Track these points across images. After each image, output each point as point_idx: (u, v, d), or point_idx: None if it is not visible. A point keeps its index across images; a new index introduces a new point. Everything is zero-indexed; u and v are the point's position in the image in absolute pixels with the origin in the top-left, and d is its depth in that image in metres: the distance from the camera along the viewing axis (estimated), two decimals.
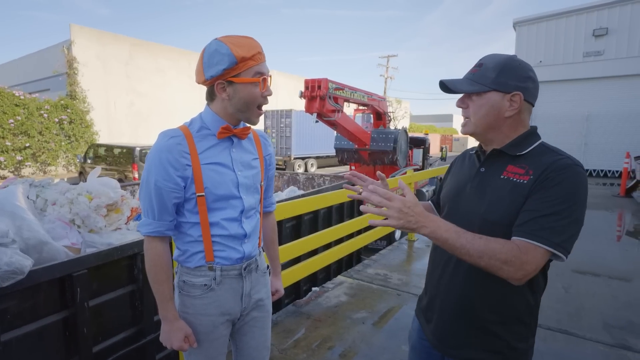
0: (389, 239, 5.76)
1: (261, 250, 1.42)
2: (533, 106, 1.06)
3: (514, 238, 0.93)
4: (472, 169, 1.14)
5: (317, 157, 19.17)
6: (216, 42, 1.13)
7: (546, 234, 0.89)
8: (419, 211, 0.91)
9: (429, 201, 1.42)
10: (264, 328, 1.40)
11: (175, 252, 1.28)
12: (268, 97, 1.22)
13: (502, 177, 1.03)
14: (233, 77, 1.13)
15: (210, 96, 1.21)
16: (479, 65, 1.05)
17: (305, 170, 18.35)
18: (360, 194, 1.27)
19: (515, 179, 1.00)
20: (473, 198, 1.07)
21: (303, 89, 6.76)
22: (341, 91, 7.17)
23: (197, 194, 1.17)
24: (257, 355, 1.40)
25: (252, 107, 1.20)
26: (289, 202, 2.99)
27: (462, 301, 1.07)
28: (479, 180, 1.08)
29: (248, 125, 1.30)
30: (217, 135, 1.20)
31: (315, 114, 6.79)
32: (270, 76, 1.22)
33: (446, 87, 1.07)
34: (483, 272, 0.97)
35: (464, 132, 1.11)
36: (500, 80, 1.00)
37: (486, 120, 1.03)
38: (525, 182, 0.97)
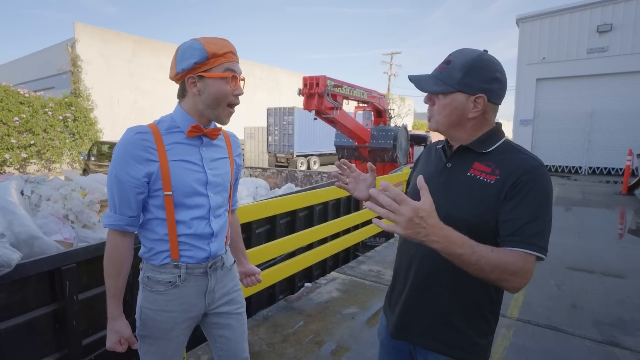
0: (387, 235, 5.78)
1: (227, 248, 1.42)
2: (499, 105, 1.07)
3: (510, 249, 0.92)
4: (438, 163, 1.14)
5: (319, 155, 19.19)
6: (191, 40, 1.18)
7: (537, 241, 0.92)
8: (433, 222, 0.82)
9: None
10: (239, 320, 1.41)
11: (141, 249, 1.28)
12: (240, 97, 1.23)
13: (468, 174, 1.04)
14: (204, 72, 1.15)
15: (182, 92, 1.22)
16: (447, 62, 1.05)
17: (308, 167, 18.39)
18: (347, 183, 1.29)
19: (482, 178, 1.01)
20: (440, 194, 1.07)
21: (301, 86, 6.80)
22: (340, 88, 7.18)
23: (165, 193, 1.16)
24: (238, 347, 1.41)
25: (222, 104, 1.20)
26: (282, 198, 3.02)
27: (429, 295, 1.08)
28: (446, 176, 1.09)
29: (219, 126, 1.30)
30: (186, 133, 1.20)
31: (313, 111, 6.82)
32: (244, 79, 1.23)
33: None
34: (451, 266, 0.98)
35: (429, 128, 1.13)
36: (466, 82, 1.00)
37: (449, 119, 1.04)
38: (492, 182, 0.99)
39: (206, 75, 1.16)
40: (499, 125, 1.09)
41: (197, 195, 1.21)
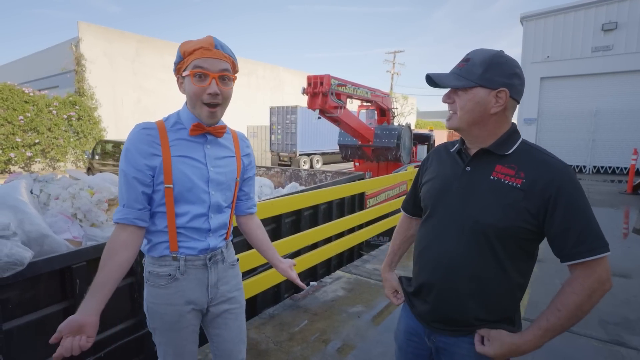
0: (391, 234, 5.78)
1: (228, 242, 1.41)
2: (518, 103, 1.06)
3: (579, 261, 0.95)
4: (455, 167, 1.11)
5: (322, 154, 19.19)
6: None
7: (596, 243, 0.94)
8: (518, 342, 1.00)
9: (402, 211, 1.42)
10: (237, 320, 1.41)
11: (142, 243, 1.28)
12: (218, 96, 1.18)
13: (491, 177, 1.02)
14: (183, 72, 1.19)
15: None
16: (466, 60, 1.04)
17: (311, 166, 18.40)
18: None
19: (507, 181, 1.00)
20: (461, 199, 1.06)
21: (305, 86, 6.80)
22: (344, 87, 7.19)
23: (166, 185, 1.18)
24: (234, 348, 1.40)
25: (197, 103, 1.20)
26: (287, 197, 3.04)
27: (458, 305, 1.08)
28: (467, 180, 1.07)
29: (223, 124, 1.30)
30: (189, 131, 1.22)
31: (317, 111, 6.83)
32: (217, 77, 1.17)
33: (433, 81, 1.07)
34: (477, 275, 1.03)
35: (448, 127, 1.10)
36: (487, 76, 1.00)
37: (472, 115, 1.02)
38: (518, 185, 0.98)
39: (183, 75, 1.19)
40: (514, 125, 1.08)
41: (198, 191, 1.23)
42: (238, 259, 1.47)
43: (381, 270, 1.44)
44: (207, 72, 1.15)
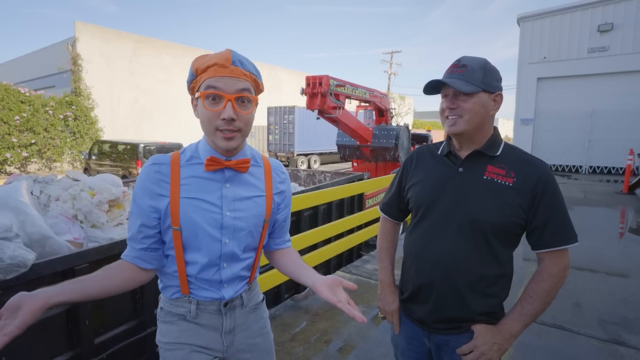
0: None
1: (251, 285, 1.21)
2: None
3: (549, 250, 1.08)
4: (446, 169, 1.16)
5: (320, 154, 19.20)
6: None
7: (570, 234, 1.06)
8: (502, 338, 1.09)
9: (383, 214, 1.41)
10: None
11: (158, 281, 1.18)
12: (234, 122, 0.98)
13: (484, 177, 1.09)
14: (196, 93, 1.02)
15: None
16: (463, 65, 1.08)
17: (309, 166, 18.39)
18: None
19: (499, 180, 1.08)
20: (457, 199, 1.11)
21: (304, 86, 6.81)
22: (342, 88, 7.20)
23: (173, 227, 1.03)
24: None
25: (209, 128, 0.99)
26: None
27: (459, 301, 1.13)
28: (461, 180, 1.12)
29: (248, 156, 1.10)
30: (204, 167, 1.03)
31: (316, 111, 6.84)
32: (233, 99, 0.98)
33: (431, 87, 1.12)
34: (476, 270, 1.09)
35: (453, 132, 1.11)
36: (487, 81, 1.07)
37: (477, 119, 1.08)
38: (510, 184, 1.07)
39: (196, 97, 1.02)
40: (497, 128, 1.17)
41: (206, 238, 1.04)
42: (264, 298, 1.28)
43: (384, 288, 1.40)
44: (221, 94, 0.96)
